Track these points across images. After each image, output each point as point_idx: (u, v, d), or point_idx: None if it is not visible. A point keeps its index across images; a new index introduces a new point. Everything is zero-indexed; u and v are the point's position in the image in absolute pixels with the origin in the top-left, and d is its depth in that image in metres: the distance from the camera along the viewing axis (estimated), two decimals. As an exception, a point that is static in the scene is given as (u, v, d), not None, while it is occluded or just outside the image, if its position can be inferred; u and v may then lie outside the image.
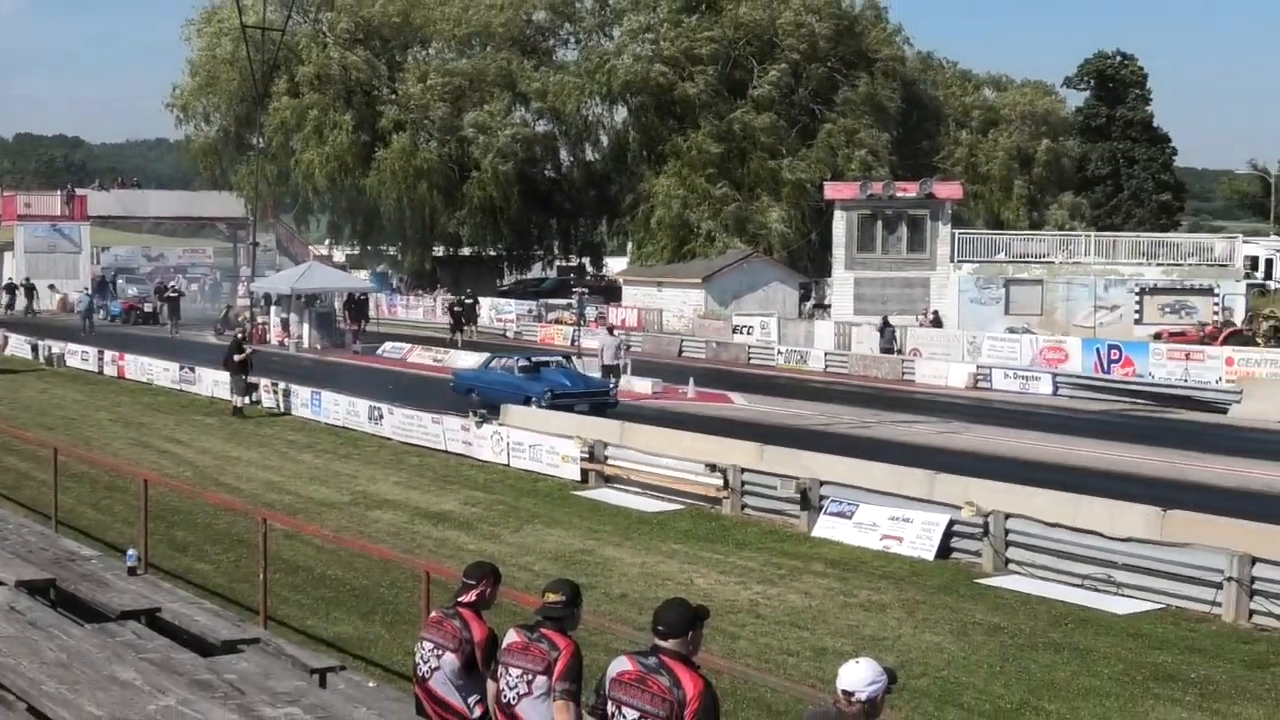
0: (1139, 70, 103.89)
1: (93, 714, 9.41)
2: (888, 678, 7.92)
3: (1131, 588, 19.58)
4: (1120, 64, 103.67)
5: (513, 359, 41.26)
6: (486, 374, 40.61)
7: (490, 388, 38.75)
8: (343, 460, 31.22)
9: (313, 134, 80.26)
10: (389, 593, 18.61)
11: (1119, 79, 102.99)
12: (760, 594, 19.58)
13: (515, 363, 40.29)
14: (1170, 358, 47.88)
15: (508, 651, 9.46)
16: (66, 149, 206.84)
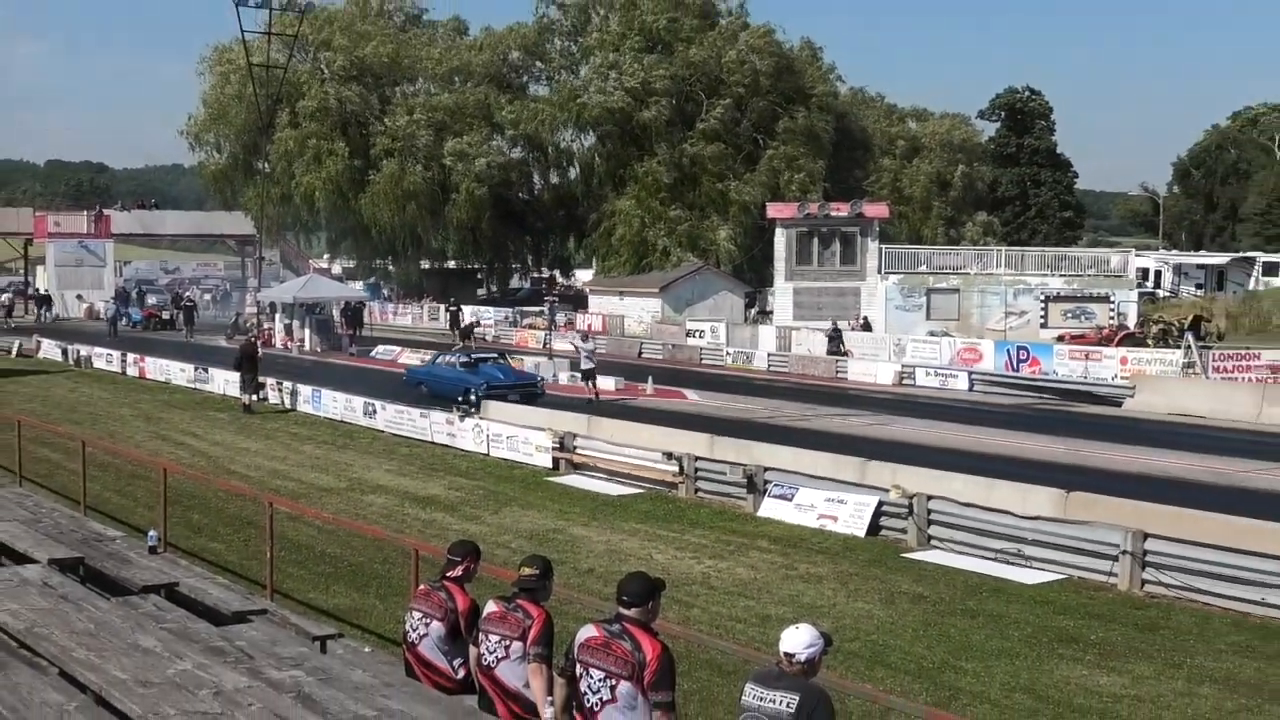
0: (1044, 104, 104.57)
1: (118, 677, 9.36)
2: (824, 641, 7.95)
3: (1038, 560, 19.64)
4: (1028, 98, 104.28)
5: (455, 356, 42.69)
6: (434, 369, 41.91)
7: (437, 381, 40.23)
8: (340, 450, 31.13)
9: (312, 161, 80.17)
10: (382, 568, 18.55)
11: (1026, 111, 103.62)
12: (712, 568, 19.59)
13: (457, 359, 41.78)
14: (1072, 357, 48.08)
15: (487, 620, 9.47)
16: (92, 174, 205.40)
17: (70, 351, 53.13)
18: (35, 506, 17.49)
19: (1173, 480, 27.48)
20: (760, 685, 7.81)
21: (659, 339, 62.64)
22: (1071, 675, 14.88)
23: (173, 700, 8.88)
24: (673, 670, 8.26)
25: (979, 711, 13.31)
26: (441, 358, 43.17)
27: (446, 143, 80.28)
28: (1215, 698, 14.21)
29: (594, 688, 8.30)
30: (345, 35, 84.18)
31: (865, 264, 62.24)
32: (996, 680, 14.62)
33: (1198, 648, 15.95)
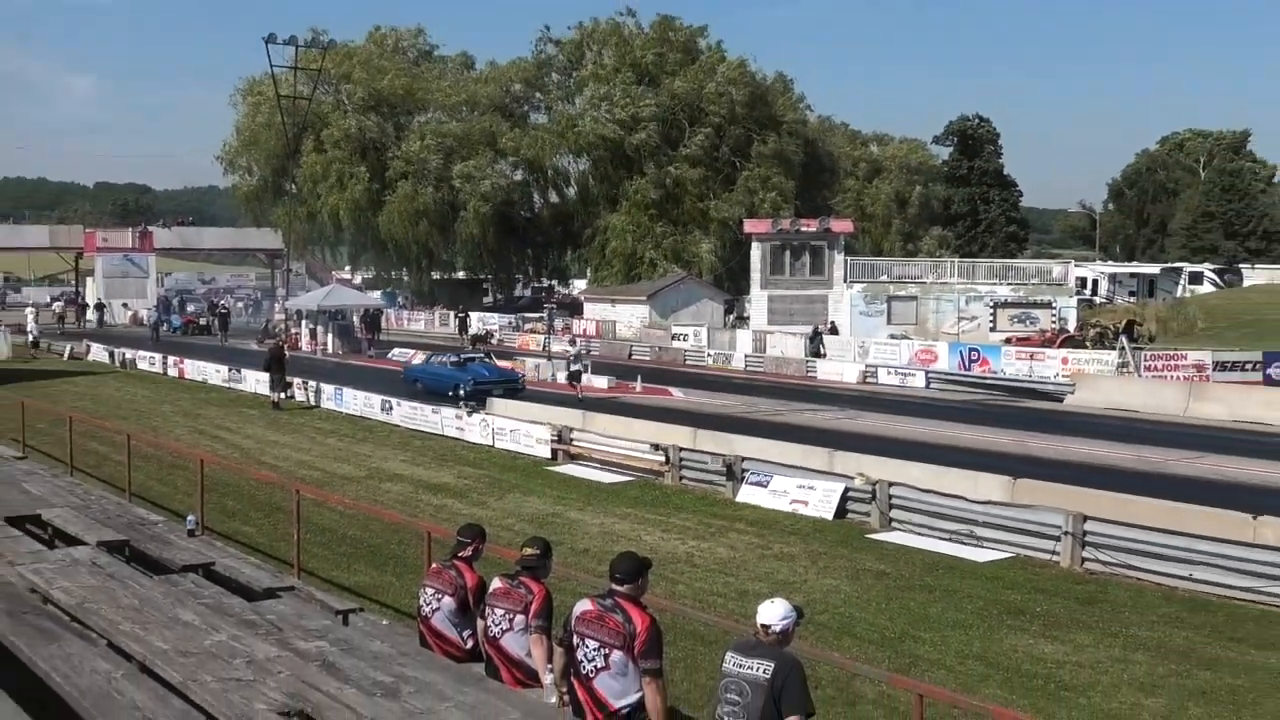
0: (992, 130, 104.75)
1: (160, 648, 9.33)
2: (797, 614, 7.97)
3: (989, 540, 19.66)
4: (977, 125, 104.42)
5: (446, 356, 43.43)
6: (428, 367, 42.73)
7: (430, 378, 41.13)
8: (360, 443, 31.10)
9: (335, 183, 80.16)
10: (398, 549, 18.53)
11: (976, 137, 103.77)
12: (695, 548, 19.58)
13: (447, 359, 42.55)
14: (1018, 358, 48.13)
15: (493, 595, 9.47)
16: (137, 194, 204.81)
17: (117, 354, 53.00)
18: (85, 494, 17.43)
19: (1109, 468, 27.54)
20: (739, 654, 7.83)
21: (647, 342, 62.60)
22: (1019, 644, 14.89)
23: (209, 668, 8.85)
24: (660, 640, 8.26)
25: (936, 676, 13.31)
26: (434, 357, 44.00)
27: (455, 166, 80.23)
28: (1148, 664, 14.23)
29: (589, 656, 8.31)
30: (364, 70, 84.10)
31: (832, 274, 62.30)
32: (952, 649, 14.63)
33: (1132, 619, 15.97)
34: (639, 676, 8.20)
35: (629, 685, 8.26)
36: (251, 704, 8.13)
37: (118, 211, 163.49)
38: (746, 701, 7.63)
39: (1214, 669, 14.08)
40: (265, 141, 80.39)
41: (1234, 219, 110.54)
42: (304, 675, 8.76)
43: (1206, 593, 17.00)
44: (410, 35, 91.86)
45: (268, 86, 72.23)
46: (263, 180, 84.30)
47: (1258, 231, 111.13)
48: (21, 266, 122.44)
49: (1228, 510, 18.74)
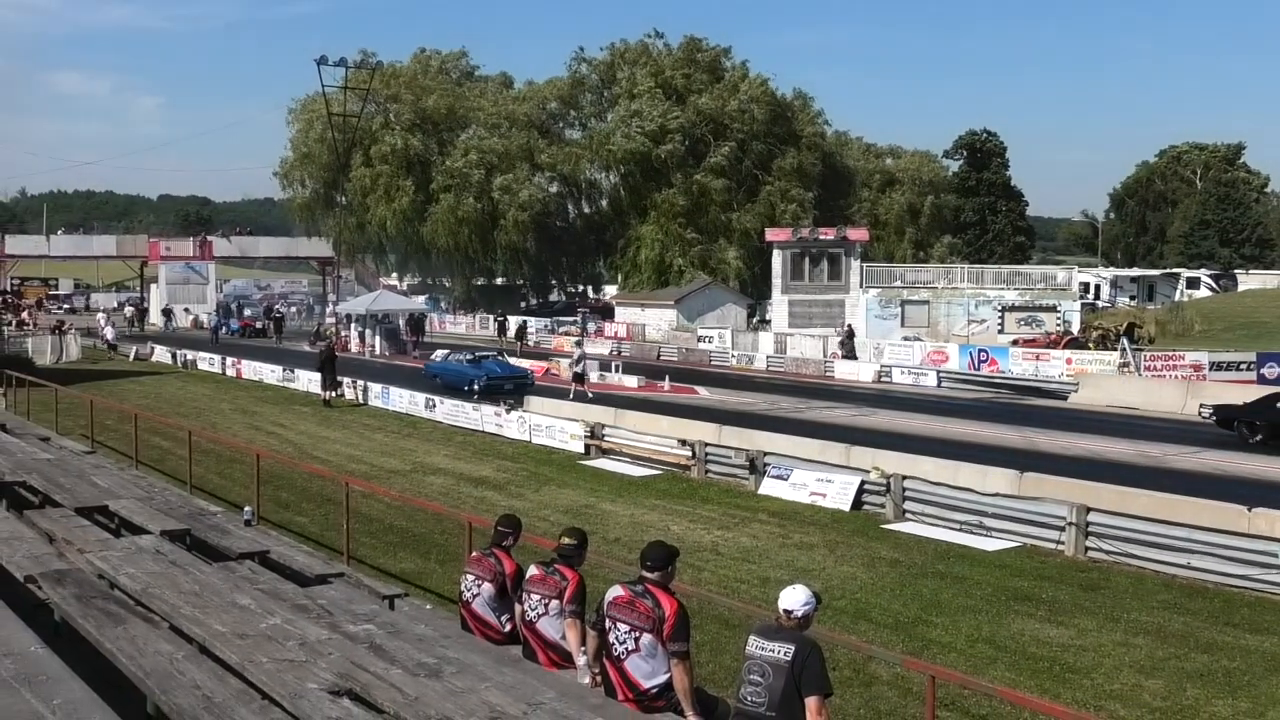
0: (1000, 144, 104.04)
1: (219, 630, 9.36)
2: (816, 600, 7.94)
3: (997, 531, 19.58)
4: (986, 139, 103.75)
5: (463, 354, 44.28)
6: (446, 364, 43.37)
7: (447, 374, 41.73)
8: (405, 439, 31.19)
9: (383, 195, 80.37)
10: (440, 538, 18.57)
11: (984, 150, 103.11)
12: (720, 537, 19.56)
13: (464, 356, 43.30)
14: (1025, 358, 47.88)
15: (530, 581, 9.47)
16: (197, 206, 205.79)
17: (178, 356, 53.31)
18: (149, 486, 17.52)
19: (1111, 462, 27.36)
20: (761, 637, 7.81)
21: (674, 344, 62.55)
22: (1025, 628, 14.81)
23: (265, 650, 8.88)
24: (688, 624, 8.25)
25: (947, 659, 13.25)
26: (452, 355, 44.78)
27: (495, 179, 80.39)
28: (1148, 647, 14.13)
29: (620, 639, 8.31)
30: (410, 89, 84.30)
31: (849, 280, 62.10)
32: (962, 633, 14.56)
33: (1133, 605, 15.86)
34: (667, 658, 8.19)
35: (658, 666, 8.25)
36: (304, 683, 8.15)
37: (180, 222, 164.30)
38: (769, 682, 7.61)
39: (1210, 652, 13.97)
40: (318, 157, 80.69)
41: (1229, 227, 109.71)
42: (353, 656, 8.78)
43: (1203, 580, 16.88)
44: (454, 57, 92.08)
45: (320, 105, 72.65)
46: (315, 193, 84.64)
47: (1251, 239, 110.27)
48: (90, 274, 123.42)
49: (1224, 502, 18.58)
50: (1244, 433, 30.79)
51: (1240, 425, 31.10)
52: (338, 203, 76.64)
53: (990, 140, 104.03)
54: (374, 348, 58.50)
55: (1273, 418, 30.32)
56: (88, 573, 11.45)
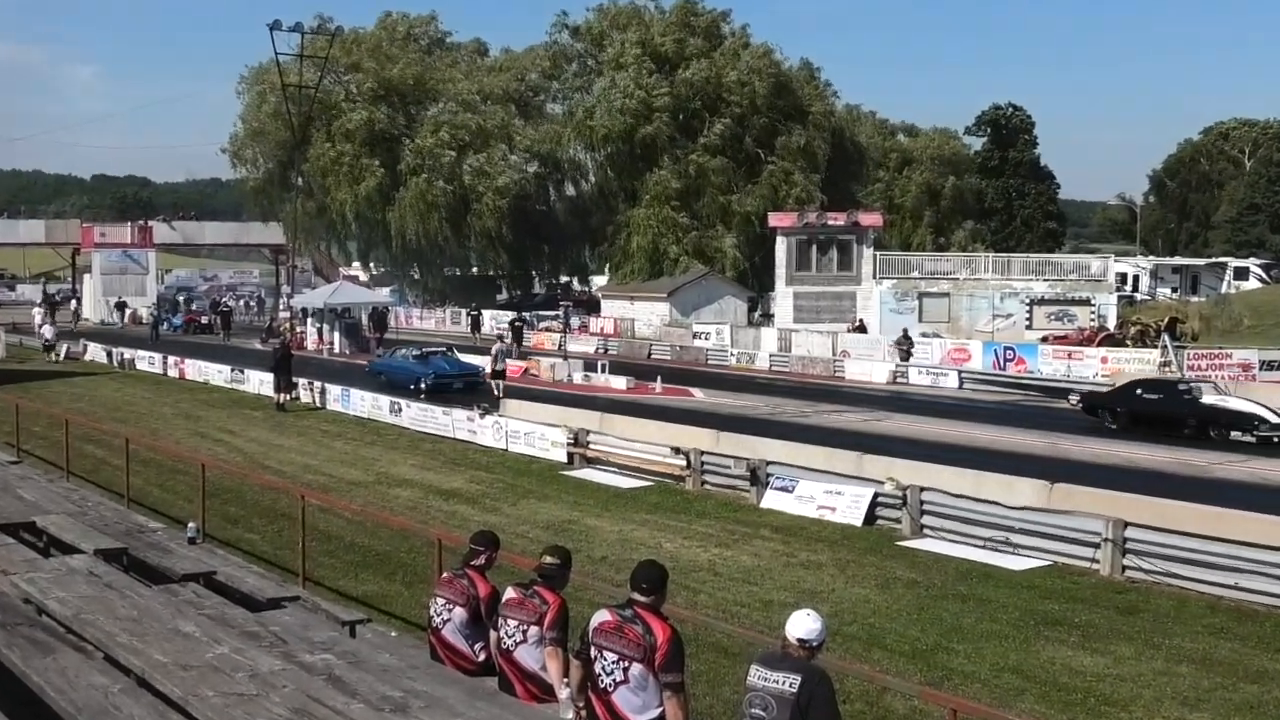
0: (1027, 118, 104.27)
1: (159, 661, 9.32)
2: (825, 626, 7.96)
3: (1025, 548, 19.61)
4: (1011, 114, 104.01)
5: (409, 349, 45.45)
6: (391, 361, 44.57)
7: (394, 371, 43.00)
8: (368, 446, 31.14)
9: (346, 176, 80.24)
10: (407, 557, 18.54)
11: (1010, 127, 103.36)
12: (717, 556, 19.56)
13: (410, 352, 44.44)
14: (1055, 357, 47.98)
15: (506, 606, 9.44)
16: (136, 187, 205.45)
17: (115, 354, 53.17)
18: (82, 500, 17.48)
19: (1150, 472, 27.44)
20: (765, 667, 7.79)
21: (667, 341, 62.60)
22: (1057, 656, 14.83)
23: (211, 682, 8.85)
24: (682, 653, 8.23)
25: (970, 690, 13.25)
26: (399, 351, 46.17)
27: (468, 159, 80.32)
28: (1192, 677, 14.15)
29: (608, 669, 8.27)
30: (374, 58, 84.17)
31: (861, 270, 62.26)
32: (986, 661, 14.57)
33: (1175, 629, 15.89)
34: (659, 690, 8.17)
35: (649, 700, 8.22)
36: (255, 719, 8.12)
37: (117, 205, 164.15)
38: (772, 716, 7.60)
39: (1261, 682, 13.99)
40: (272, 132, 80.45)
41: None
42: (309, 689, 8.75)
43: (1253, 602, 16.91)
44: (422, 22, 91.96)
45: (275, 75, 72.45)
46: (268, 173, 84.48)
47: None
48: (16, 262, 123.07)
49: (1276, 516, 18.62)
50: (1106, 420, 34.84)
51: (1103, 413, 35.20)
52: (294, 184, 76.39)
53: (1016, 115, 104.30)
54: (333, 345, 58.41)
55: (1132, 405, 34.38)
56: (12, 597, 11.40)
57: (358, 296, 65.12)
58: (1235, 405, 33.11)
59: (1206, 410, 32.84)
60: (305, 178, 78.08)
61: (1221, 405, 33.12)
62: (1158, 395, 34.41)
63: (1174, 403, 33.65)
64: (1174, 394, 34.20)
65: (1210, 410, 32.84)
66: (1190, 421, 32.82)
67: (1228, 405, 33.13)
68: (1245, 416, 32.34)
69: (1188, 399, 33.55)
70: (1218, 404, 33.17)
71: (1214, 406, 32.99)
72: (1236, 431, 32.04)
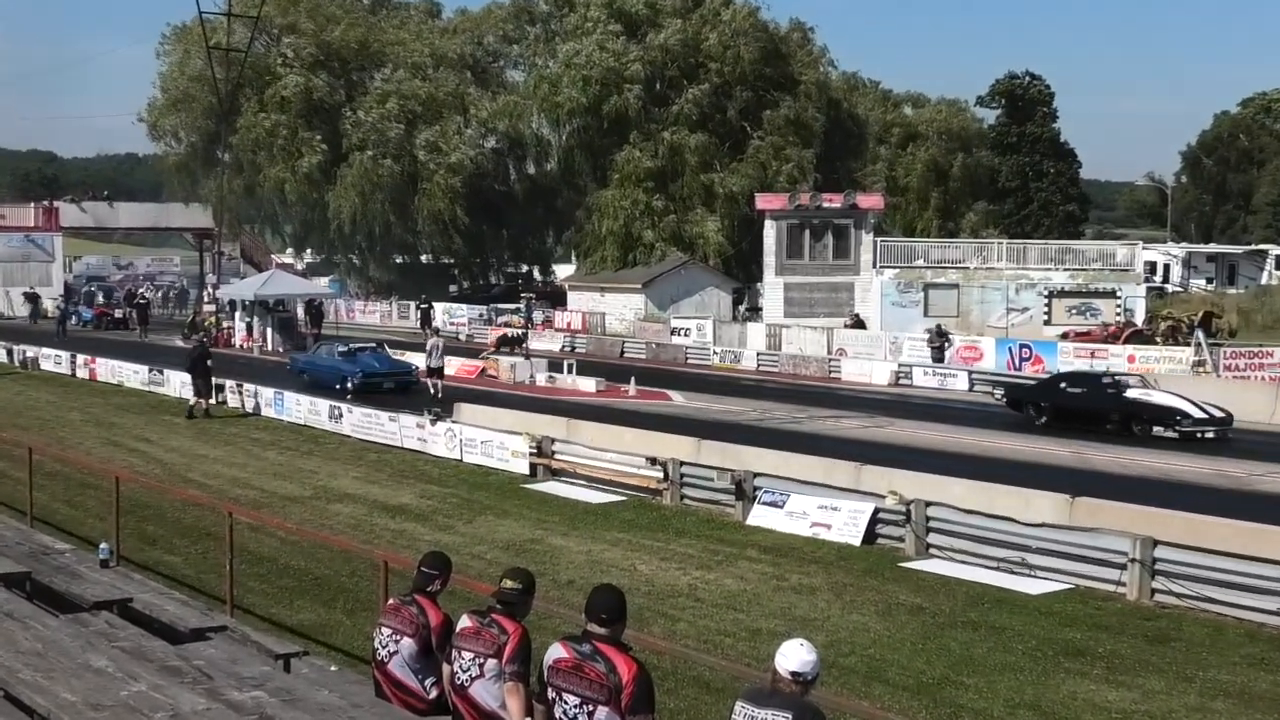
0: (1046, 89, 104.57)
1: (68, 700, 9.27)
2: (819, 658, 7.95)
3: (1043, 569, 19.65)
4: (1029, 84, 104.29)
5: (334, 345, 46.02)
6: (315, 358, 45.26)
7: (317, 369, 43.85)
8: (305, 457, 31.06)
9: (281, 152, 79.94)
10: (349, 581, 18.49)
11: (1027, 98, 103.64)
12: (698, 579, 19.56)
13: (335, 348, 44.97)
14: (1077, 356, 48.14)
15: (461, 636, 9.40)
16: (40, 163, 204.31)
17: (16, 353, 52.80)
18: (-21, 518, 17.38)
19: (1184, 484, 27.56)
20: (751, 703, 7.77)
21: (642, 338, 62.64)
22: (1079, 690, 14.88)
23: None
24: (651, 691, 8.18)
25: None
26: (322, 347, 46.79)
27: (419, 134, 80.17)
28: (1230, 713, 14.22)
29: (569, 714, 8.21)
30: (311, 18, 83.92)
31: (859, 258, 62.36)
32: (1000, 696, 14.61)
33: (1211, 660, 15.96)
34: (630, 734, 8.14)
35: (620, 744, 8.20)
36: (175, 765, 8.10)
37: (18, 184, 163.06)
38: (760, 758, 7.59)
39: (1307, 720, 14.07)
40: (197, 100, 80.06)
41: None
42: (237, 731, 8.72)
43: (1298, 631, 17.01)
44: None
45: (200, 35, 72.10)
46: (192, 147, 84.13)
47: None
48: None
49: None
50: (1031, 414, 37.34)
51: (1028, 407, 37.79)
52: (221, 160, 76.10)
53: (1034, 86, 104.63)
54: (265, 342, 58.25)
55: (1056, 400, 36.99)
56: (-100, 627, 11.33)
57: (292, 287, 64.92)
58: (1159, 399, 35.46)
59: (1130, 404, 35.27)
60: (234, 152, 77.81)
61: (1145, 399, 35.48)
62: (1082, 389, 37.11)
63: (1098, 397, 36.15)
64: (1098, 388, 36.84)
65: (1134, 405, 35.25)
66: (1114, 416, 35.28)
67: (1151, 399, 35.49)
68: (1168, 411, 34.70)
69: (1111, 393, 35.98)
70: (1141, 398, 35.53)
71: (1137, 401, 35.38)
72: (1159, 426, 34.43)
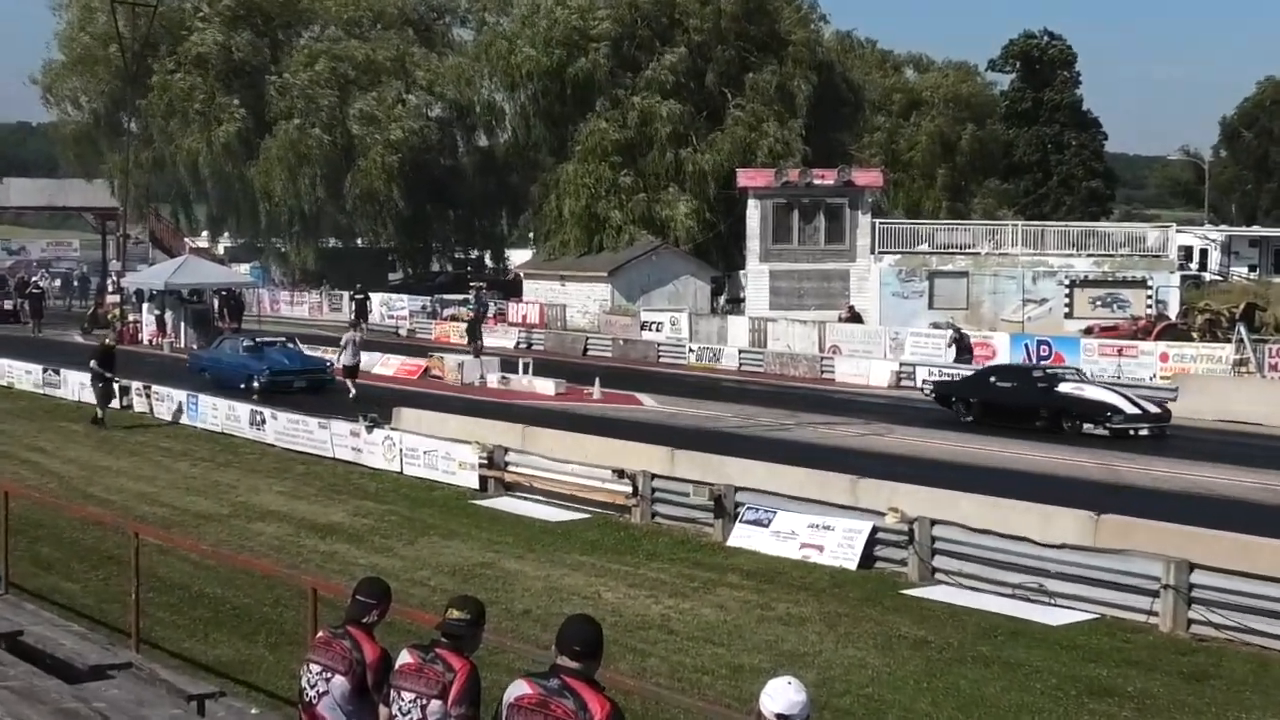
0: (1067, 50, 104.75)
1: (-53, 748, 9.22)
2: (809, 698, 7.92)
3: (1064, 597, 19.67)
4: (1047, 45, 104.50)
5: (238, 340, 46.70)
6: (217, 354, 45.91)
7: (219, 367, 44.89)
8: (222, 469, 30.97)
9: (196, 120, 79.65)
10: (273, 611, 18.42)
11: (1046, 60, 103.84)
12: (672, 608, 19.53)
13: (240, 343, 45.66)
14: (1102, 354, 48.26)
15: (400, 674, 9.35)
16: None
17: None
18: None
19: (1223, 500, 27.63)
20: (732, 751, 7.76)
21: (608, 333, 62.64)
22: (1105, 735, 14.90)
23: (14, 775, 8.75)
24: (626, 734, 8.17)
25: (995, 780, 13.31)
26: (226, 341, 47.38)
27: (354, 102, 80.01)
28: (1277, 761, 14.26)
29: (530, 758, 8.20)
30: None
31: (855, 242, 62.43)
32: (1015, 742, 14.63)
33: (1254, 700, 16.00)
34: (598, 783, 8.12)
35: (586, 795, 8.17)
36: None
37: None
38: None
39: (1364, 768, 14.12)
40: (100, 60, 79.64)
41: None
42: (143, 783, 8.67)
43: (1354, 666, 17.07)
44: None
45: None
46: (94, 115, 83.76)
47: None
48: None
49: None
50: (959, 411, 39.36)
51: (956, 403, 39.76)
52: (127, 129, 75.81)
53: (1054, 47, 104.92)
54: (177, 338, 58.05)
55: (985, 395, 38.95)
56: None
57: (209, 275, 64.76)
58: (1091, 394, 37.40)
59: (1060, 400, 37.13)
60: (142, 119, 77.51)
61: (1076, 394, 37.30)
62: (1011, 383, 39.33)
63: (1027, 392, 38.15)
64: (1028, 382, 39.00)
65: (1064, 400, 37.11)
66: (1042, 412, 37.14)
67: (1083, 394, 37.34)
68: (1099, 406, 36.46)
69: (1042, 387, 37.99)
70: (1072, 393, 37.35)
71: (1068, 396, 37.25)
72: (1089, 423, 36.24)
